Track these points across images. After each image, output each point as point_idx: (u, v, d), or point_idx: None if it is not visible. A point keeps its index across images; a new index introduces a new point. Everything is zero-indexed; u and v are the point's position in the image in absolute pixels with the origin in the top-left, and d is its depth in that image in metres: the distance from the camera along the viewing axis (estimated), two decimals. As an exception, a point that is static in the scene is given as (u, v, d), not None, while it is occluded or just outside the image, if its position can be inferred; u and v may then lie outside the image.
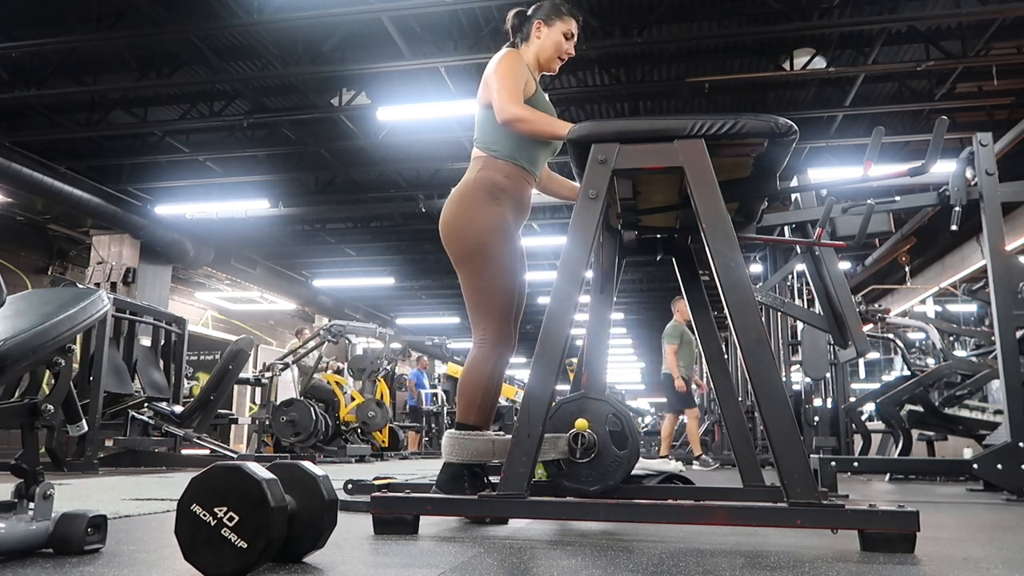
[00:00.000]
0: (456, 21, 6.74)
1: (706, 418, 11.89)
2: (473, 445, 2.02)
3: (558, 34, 2.36)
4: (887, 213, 3.51)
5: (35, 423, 1.51)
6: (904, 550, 1.53)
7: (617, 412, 1.93)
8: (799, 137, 1.86)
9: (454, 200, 2.18)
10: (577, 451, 1.88)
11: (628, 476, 2.34)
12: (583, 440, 1.89)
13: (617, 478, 1.90)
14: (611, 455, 1.90)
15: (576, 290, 1.80)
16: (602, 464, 1.90)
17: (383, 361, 8.38)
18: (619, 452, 1.90)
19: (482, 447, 2.01)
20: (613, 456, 1.90)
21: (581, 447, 1.89)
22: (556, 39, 2.35)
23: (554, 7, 2.37)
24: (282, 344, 16.34)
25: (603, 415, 1.92)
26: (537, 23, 2.35)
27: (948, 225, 3.61)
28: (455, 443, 2.03)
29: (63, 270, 11.73)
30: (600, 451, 1.90)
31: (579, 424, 1.89)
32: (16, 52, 6.98)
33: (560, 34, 2.36)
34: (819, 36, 6.95)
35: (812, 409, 6.83)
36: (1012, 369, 3.40)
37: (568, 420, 1.93)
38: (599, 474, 1.90)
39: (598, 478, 1.89)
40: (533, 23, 2.35)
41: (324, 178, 10.53)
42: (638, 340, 23.00)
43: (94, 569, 1.29)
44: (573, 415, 1.92)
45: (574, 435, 1.89)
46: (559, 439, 1.91)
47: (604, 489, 1.88)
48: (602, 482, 1.89)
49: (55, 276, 11.10)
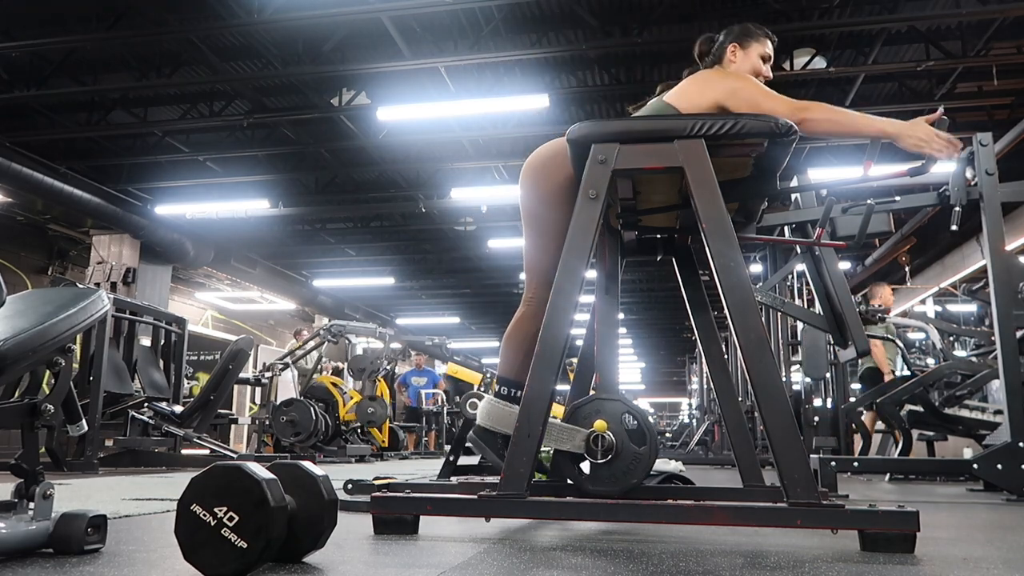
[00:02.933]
0: (456, 21, 6.74)
1: (706, 418, 11.89)
2: (496, 414, 2.07)
3: (755, 57, 2.25)
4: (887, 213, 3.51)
5: (35, 423, 1.51)
6: (904, 550, 1.53)
7: (632, 410, 1.92)
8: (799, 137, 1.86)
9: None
10: (598, 453, 1.87)
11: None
12: (603, 441, 1.88)
13: (640, 476, 1.88)
14: (631, 453, 1.88)
15: (576, 290, 1.80)
16: (624, 464, 1.88)
17: (383, 361, 8.38)
18: (639, 450, 1.88)
19: (505, 418, 2.04)
20: (633, 454, 1.88)
21: (601, 449, 1.88)
22: (754, 63, 2.25)
23: (747, 29, 2.28)
24: (282, 344, 16.34)
25: (619, 414, 1.92)
26: (732, 47, 2.26)
27: (948, 225, 3.60)
28: (488, 408, 2.10)
29: (63, 270, 11.72)
30: (620, 451, 1.88)
31: (598, 425, 1.87)
32: (16, 52, 6.98)
33: (757, 56, 2.25)
34: (819, 36, 6.95)
35: (812, 409, 6.82)
36: (1012, 369, 3.40)
37: (584, 423, 1.92)
38: (622, 473, 1.88)
39: (621, 478, 1.88)
40: (727, 48, 2.26)
41: (324, 178, 10.53)
42: (638, 340, 22.99)
43: (94, 569, 1.29)
44: (589, 417, 1.91)
45: (593, 437, 1.88)
46: (577, 432, 1.90)
47: (628, 488, 1.87)
48: (625, 481, 1.87)
49: (55, 276, 11.10)
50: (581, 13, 6.49)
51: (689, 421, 15.75)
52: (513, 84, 7.62)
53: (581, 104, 8.41)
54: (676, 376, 29.25)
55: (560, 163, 2.05)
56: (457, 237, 12.90)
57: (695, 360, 16.90)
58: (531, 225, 2.15)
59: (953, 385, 5.26)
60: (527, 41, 6.96)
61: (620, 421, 1.90)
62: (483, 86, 7.62)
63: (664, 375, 30.66)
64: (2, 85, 7.48)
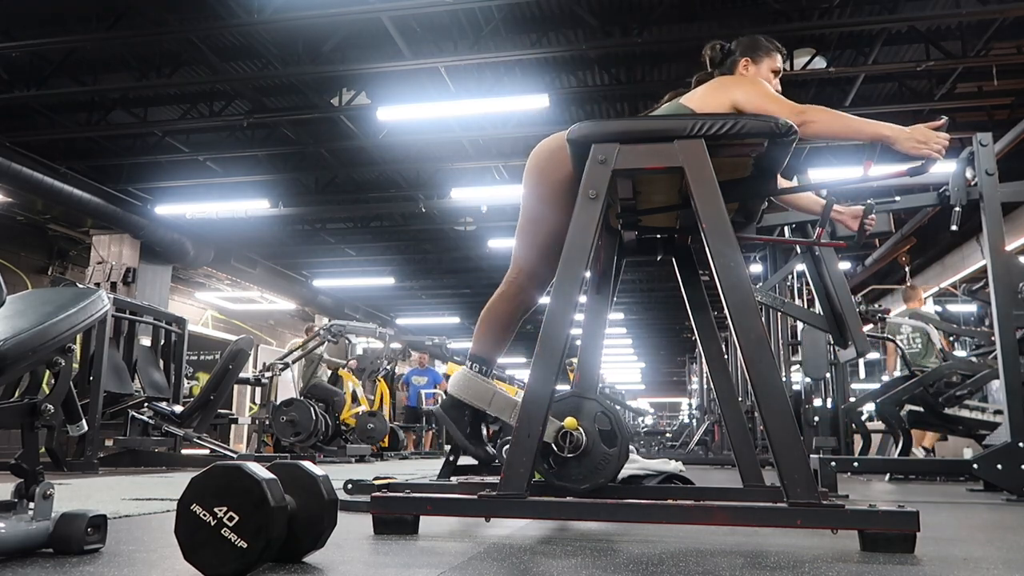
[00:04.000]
0: (456, 21, 6.74)
1: (706, 418, 11.89)
2: (474, 387, 2.09)
3: (767, 72, 2.25)
4: (887, 213, 3.52)
5: (35, 423, 1.51)
6: (904, 550, 1.53)
7: (606, 410, 1.94)
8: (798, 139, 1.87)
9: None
10: (565, 448, 1.90)
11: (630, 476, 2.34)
12: (571, 438, 1.90)
13: (607, 475, 1.90)
14: (600, 453, 1.90)
15: (576, 290, 1.80)
16: (591, 462, 1.91)
17: (383, 361, 8.38)
18: (608, 450, 1.90)
19: (482, 393, 2.07)
20: (603, 454, 1.90)
21: (569, 444, 1.90)
22: (765, 78, 2.25)
23: (758, 44, 2.27)
24: (282, 344, 16.35)
25: (593, 414, 1.93)
26: (744, 61, 2.25)
27: (948, 225, 3.60)
28: (463, 379, 2.11)
29: (63, 270, 11.72)
30: (589, 449, 1.90)
31: (568, 422, 1.90)
32: (16, 52, 6.98)
33: (769, 71, 2.26)
34: (819, 36, 6.95)
35: (812, 409, 6.82)
36: (1012, 369, 3.40)
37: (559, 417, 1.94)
38: (589, 472, 1.90)
39: (588, 476, 1.90)
40: (739, 61, 2.25)
41: (324, 178, 10.53)
42: (638, 340, 22.99)
43: (94, 569, 1.29)
44: (564, 414, 1.93)
45: (562, 433, 1.90)
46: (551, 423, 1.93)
47: (594, 487, 1.89)
48: (592, 480, 1.89)
49: (55, 276, 11.10)
50: (581, 13, 6.49)
51: (689, 421, 15.75)
52: (513, 84, 7.62)
53: (581, 104, 8.41)
54: (676, 376, 29.26)
55: (565, 157, 2.07)
56: (457, 237, 12.90)
57: (695, 360, 16.91)
58: (528, 214, 2.17)
59: (953, 385, 5.26)
60: (527, 41, 6.96)
61: (593, 420, 1.92)
62: (483, 86, 7.62)
63: (664, 375, 30.67)
64: (2, 85, 7.48)
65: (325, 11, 6.14)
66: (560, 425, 1.91)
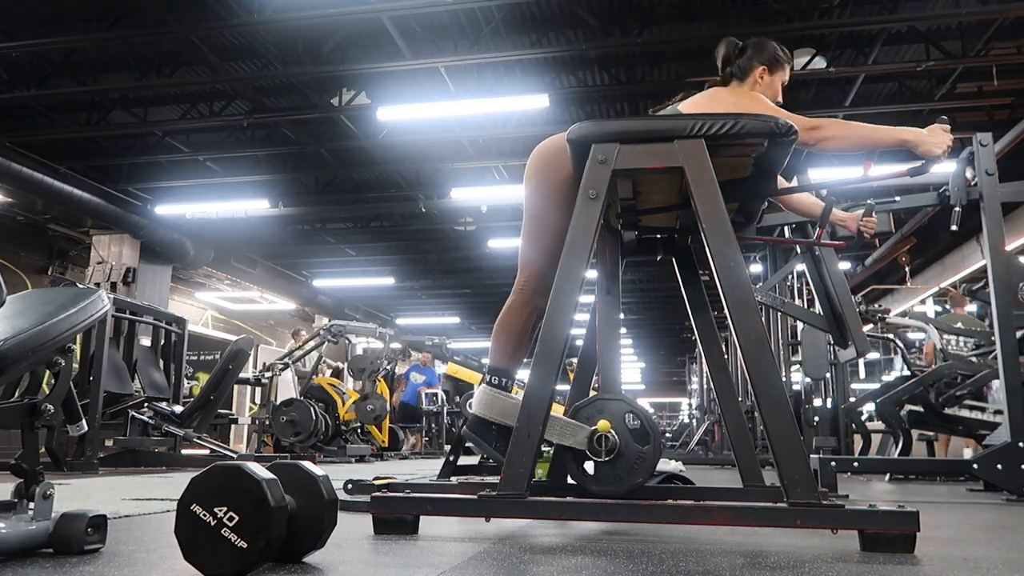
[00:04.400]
0: (456, 21, 6.74)
1: (706, 418, 11.89)
2: (498, 404, 2.07)
3: (778, 84, 2.24)
4: (887, 213, 3.52)
5: (35, 423, 1.51)
6: (904, 550, 1.53)
7: (635, 409, 1.92)
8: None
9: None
10: (601, 452, 1.86)
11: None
12: (606, 441, 1.87)
13: (644, 474, 1.85)
14: (634, 452, 1.87)
15: (576, 290, 1.80)
16: (627, 463, 1.87)
17: (383, 361, 8.38)
18: (642, 449, 1.87)
19: (506, 409, 2.05)
20: (636, 453, 1.87)
21: (605, 448, 1.87)
22: (776, 90, 2.24)
23: (776, 55, 2.25)
24: (282, 344, 16.34)
25: (621, 414, 1.91)
26: (761, 68, 2.22)
27: (948, 225, 3.61)
28: (485, 397, 2.09)
29: (63, 270, 11.72)
30: (623, 450, 1.87)
31: (601, 425, 1.86)
32: (16, 52, 6.98)
33: (780, 83, 2.25)
34: (819, 36, 6.95)
35: (812, 409, 6.83)
36: (1012, 369, 3.40)
37: (587, 423, 1.90)
38: (625, 473, 1.87)
39: (625, 477, 1.87)
40: (756, 68, 2.22)
41: (324, 178, 10.53)
42: (638, 340, 22.98)
43: (94, 569, 1.29)
44: (591, 418, 1.90)
45: (597, 436, 1.86)
46: (580, 429, 1.89)
47: (632, 487, 1.85)
48: (629, 481, 1.85)
49: (55, 276, 11.10)
50: (581, 13, 6.49)
51: (689, 421, 15.76)
52: (513, 84, 7.62)
53: (581, 104, 8.41)
54: (676, 376, 29.25)
55: (567, 157, 2.07)
56: (457, 237, 12.90)
57: (695, 360, 16.90)
58: (531, 216, 2.16)
59: (953, 385, 5.26)
60: (527, 41, 6.96)
61: (623, 421, 1.90)
62: (483, 86, 7.62)
63: (664, 375, 30.66)
64: (2, 85, 7.48)
65: (325, 11, 6.14)
66: (593, 429, 1.87)
